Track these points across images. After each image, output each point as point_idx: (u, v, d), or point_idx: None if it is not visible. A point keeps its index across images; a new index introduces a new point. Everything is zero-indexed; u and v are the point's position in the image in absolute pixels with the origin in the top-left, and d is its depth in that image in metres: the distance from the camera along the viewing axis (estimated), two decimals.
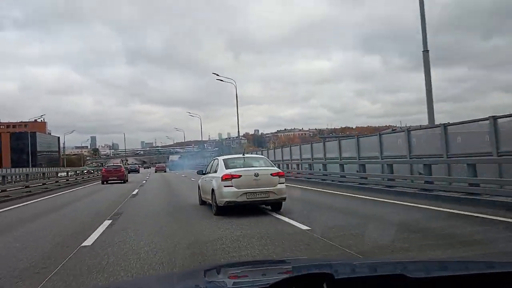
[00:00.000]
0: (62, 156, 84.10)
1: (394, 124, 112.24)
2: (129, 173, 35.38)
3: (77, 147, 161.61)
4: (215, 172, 9.64)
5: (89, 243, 6.35)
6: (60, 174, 31.99)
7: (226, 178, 8.88)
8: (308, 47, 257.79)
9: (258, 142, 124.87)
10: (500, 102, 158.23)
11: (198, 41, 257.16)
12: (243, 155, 10.11)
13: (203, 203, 10.85)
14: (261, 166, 9.47)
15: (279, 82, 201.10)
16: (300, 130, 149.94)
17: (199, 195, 11.23)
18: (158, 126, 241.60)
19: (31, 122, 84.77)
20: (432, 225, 7.21)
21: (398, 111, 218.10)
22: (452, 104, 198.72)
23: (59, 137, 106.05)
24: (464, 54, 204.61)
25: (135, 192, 17.48)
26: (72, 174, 33.67)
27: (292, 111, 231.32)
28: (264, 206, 9.49)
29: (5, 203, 14.13)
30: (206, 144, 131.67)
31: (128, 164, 75.73)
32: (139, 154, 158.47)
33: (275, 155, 29.38)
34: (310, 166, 20.97)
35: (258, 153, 33.47)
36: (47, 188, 21.38)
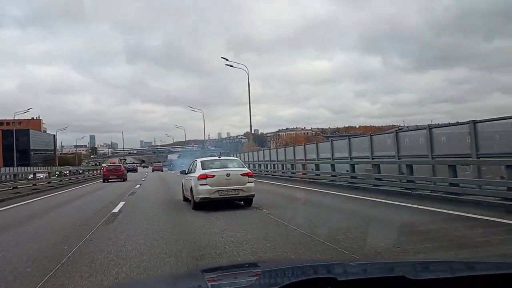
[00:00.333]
0: (58, 155, 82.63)
1: (395, 124, 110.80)
2: (127, 172, 36.50)
3: (75, 146, 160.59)
4: (194, 172, 10.67)
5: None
6: (32, 176, 27.07)
7: (202, 178, 9.94)
8: (309, 47, 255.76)
9: (259, 141, 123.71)
10: (500, 103, 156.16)
11: (198, 40, 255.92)
12: (219, 157, 11.34)
13: (185, 199, 11.73)
14: (234, 167, 10.50)
15: (279, 81, 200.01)
16: (302, 129, 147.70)
17: (183, 193, 12.20)
18: (158, 126, 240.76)
19: (25, 119, 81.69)
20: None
21: (398, 112, 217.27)
22: (452, 105, 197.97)
23: (54, 135, 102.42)
24: (465, 55, 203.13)
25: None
26: (47, 175, 27.56)
27: (291, 111, 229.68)
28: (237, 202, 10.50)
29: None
30: (206, 143, 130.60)
31: (126, 163, 75.41)
32: (138, 153, 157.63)
33: (278, 155, 28.02)
34: (317, 166, 19.56)
35: (260, 152, 32.50)
36: (18, 193, 17.55)
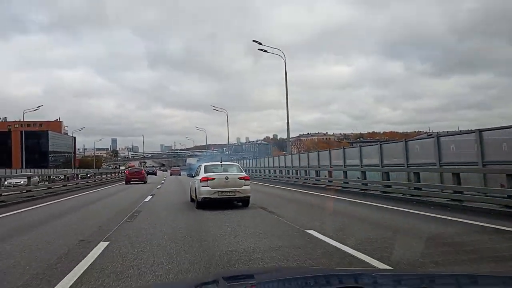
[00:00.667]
0: (77, 158, 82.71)
1: (421, 130, 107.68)
2: (147, 175, 37.83)
3: (98, 149, 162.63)
4: (198, 175, 11.97)
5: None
6: (10, 182, 24.77)
7: (204, 180, 11.22)
8: (329, 52, 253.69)
9: (278, 146, 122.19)
10: None
11: (219, 45, 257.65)
12: (221, 163, 12.86)
13: (192, 200, 12.71)
14: (233, 172, 11.89)
15: (298, 87, 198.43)
16: (324, 134, 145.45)
17: (190, 194, 13.40)
18: (178, 130, 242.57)
19: (46, 121, 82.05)
20: None
21: (419, 118, 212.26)
22: (477, 111, 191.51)
23: (75, 137, 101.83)
24: (490, 60, 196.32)
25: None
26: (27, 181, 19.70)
27: (311, 116, 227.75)
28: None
29: None
30: (225, 148, 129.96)
31: (146, 166, 76.12)
32: (158, 156, 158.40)
33: (300, 160, 26.74)
34: (345, 173, 18.18)
35: (281, 157, 32.67)
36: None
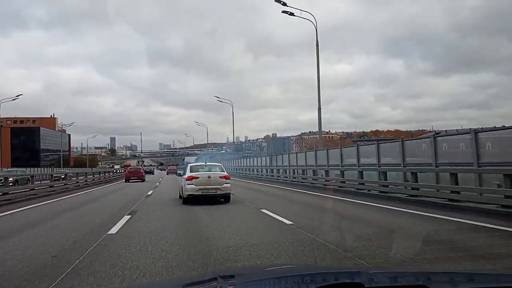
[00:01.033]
0: (73, 156, 79.74)
1: (424, 129, 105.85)
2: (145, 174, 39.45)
3: (96, 148, 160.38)
4: (184, 174, 13.21)
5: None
6: None
7: (189, 179, 12.42)
8: (329, 50, 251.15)
9: (280, 144, 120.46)
10: None
11: (218, 43, 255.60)
12: (205, 163, 14.55)
13: (180, 197, 13.75)
14: (215, 171, 13.11)
15: (297, 85, 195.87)
16: (327, 132, 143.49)
17: (179, 191, 14.45)
18: (177, 128, 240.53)
19: (39, 118, 78.04)
20: None
21: (419, 117, 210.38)
22: (477, 111, 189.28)
23: (69, 134, 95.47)
24: (492, 59, 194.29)
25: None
26: None
27: (310, 115, 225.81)
28: None
29: None
30: (224, 147, 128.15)
31: (144, 165, 74.84)
32: (156, 155, 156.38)
33: (307, 159, 24.90)
34: (360, 173, 16.34)
35: (284, 156, 31.78)
36: None
